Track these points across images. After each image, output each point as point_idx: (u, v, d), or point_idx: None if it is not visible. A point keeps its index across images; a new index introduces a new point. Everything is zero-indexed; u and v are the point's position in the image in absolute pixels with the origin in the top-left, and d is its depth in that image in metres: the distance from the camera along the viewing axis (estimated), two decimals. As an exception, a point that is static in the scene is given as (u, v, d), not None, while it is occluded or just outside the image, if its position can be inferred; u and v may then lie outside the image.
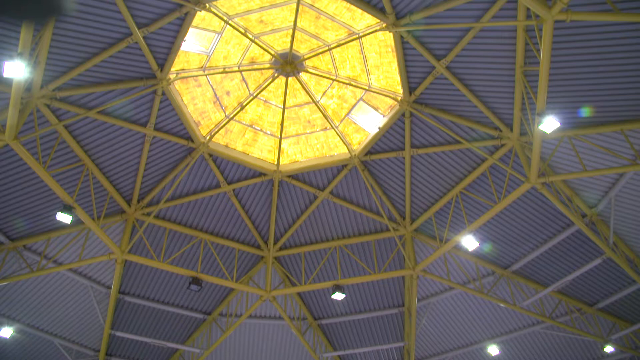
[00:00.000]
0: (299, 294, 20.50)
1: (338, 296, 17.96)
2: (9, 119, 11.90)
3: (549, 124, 11.80)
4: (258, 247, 19.14)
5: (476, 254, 17.97)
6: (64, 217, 14.15)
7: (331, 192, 17.84)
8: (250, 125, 17.32)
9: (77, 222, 16.04)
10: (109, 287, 18.19)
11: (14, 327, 17.27)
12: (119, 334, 18.96)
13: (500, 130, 14.48)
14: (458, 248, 17.69)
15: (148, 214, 17.12)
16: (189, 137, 16.04)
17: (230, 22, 14.17)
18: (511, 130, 14.28)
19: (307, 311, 20.85)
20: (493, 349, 19.74)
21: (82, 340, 19.30)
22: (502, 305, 18.16)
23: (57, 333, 18.64)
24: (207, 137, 16.28)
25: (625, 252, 15.78)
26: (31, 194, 15.14)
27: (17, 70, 10.84)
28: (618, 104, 12.45)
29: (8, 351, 18.10)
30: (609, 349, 18.38)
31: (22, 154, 12.75)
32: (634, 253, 15.88)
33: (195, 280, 17.11)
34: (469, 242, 15.82)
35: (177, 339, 20.47)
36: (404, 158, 16.44)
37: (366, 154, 16.69)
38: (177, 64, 14.90)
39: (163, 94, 14.69)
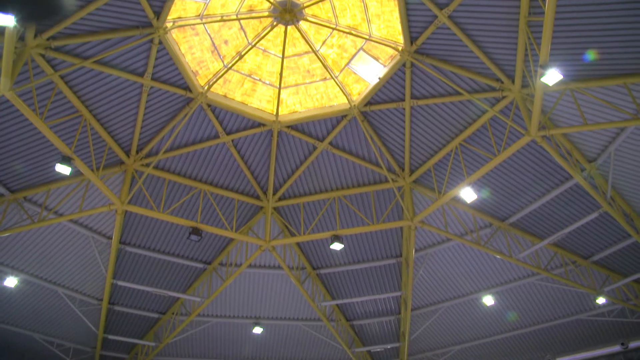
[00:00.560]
0: (298, 244, 20.71)
1: (336, 246, 18.15)
2: (3, 69, 11.67)
3: (552, 76, 11.63)
4: (257, 197, 19.21)
5: (474, 206, 18.05)
6: (62, 169, 14.13)
7: (330, 143, 17.77)
8: (249, 75, 17.10)
9: (76, 173, 16.02)
10: (110, 238, 18.34)
11: (18, 277, 17.52)
12: (120, 283, 19.26)
13: (502, 82, 14.30)
14: (456, 200, 17.75)
15: (147, 165, 17.09)
16: (186, 87, 15.84)
17: (227, -32, 13.77)
18: (513, 82, 14.10)
19: (306, 261, 21.11)
20: (488, 299, 20.10)
21: (85, 289, 19.60)
22: (498, 256, 18.38)
23: (60, 282, 18.92)
24: (205, 87, 16.07)
25: (622, 206, 15.83)
26: (29, 145, 15.05)
27: (9, 18, 10.57)
28: (622, 57, 12.21)
29: (14, 300, 18.41)
30: (601, 300, 18.72)
31: (18, 105, 12.58)
32: (631, 207, 15.92)
33: (195, 231, 17.24)
34: (468, 194, 15.87)
35: (178, 288, 20.83)
36: (403, 109, 16.29)
37: (366, 105, 16.53)
38: (174, 12, 14.54)
39: (160, 43, 14.41)
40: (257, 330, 21.95)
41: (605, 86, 12.80)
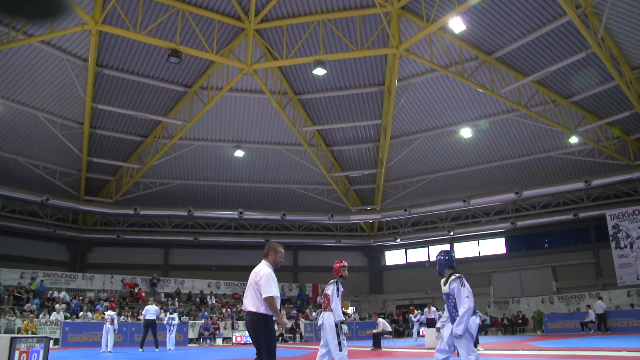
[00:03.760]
0: (280, 68, 20.32)
1: (319, 72, 17.93)
2: None
3: None
4: (239, 18, 18.32)
5: (462, 38, 17.53)
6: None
7: (316, -39, 16.61)
8: None
9: (42, -12, 14.88)
10: (86, 60, 17.69)
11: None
12: (101, 106, 19.04)
13: None
14: (444, 30, 17.13)
15: (119, -19, 15.92)
16: None
17: None
18: None
19: (287, 86, 20.90)
20: (466, 132, 20.46)
21: (65, 113, 19.43)
22: (480, 90, 18.35)
23: (39, 107, 18.66)
24: None
25: (610, 48, 15.46)
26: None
27: None
28: None
29: None
30: (573, 139, 19.22)
31: None
32: (619, 50, 15.60)
33: (175, 52, 16.71)
34: (456, 24, 15.40)
35: (159, 111, 20.72)
36: None
37: None
38: None
39: None
40: (239, 153, 22.43)
41: None
